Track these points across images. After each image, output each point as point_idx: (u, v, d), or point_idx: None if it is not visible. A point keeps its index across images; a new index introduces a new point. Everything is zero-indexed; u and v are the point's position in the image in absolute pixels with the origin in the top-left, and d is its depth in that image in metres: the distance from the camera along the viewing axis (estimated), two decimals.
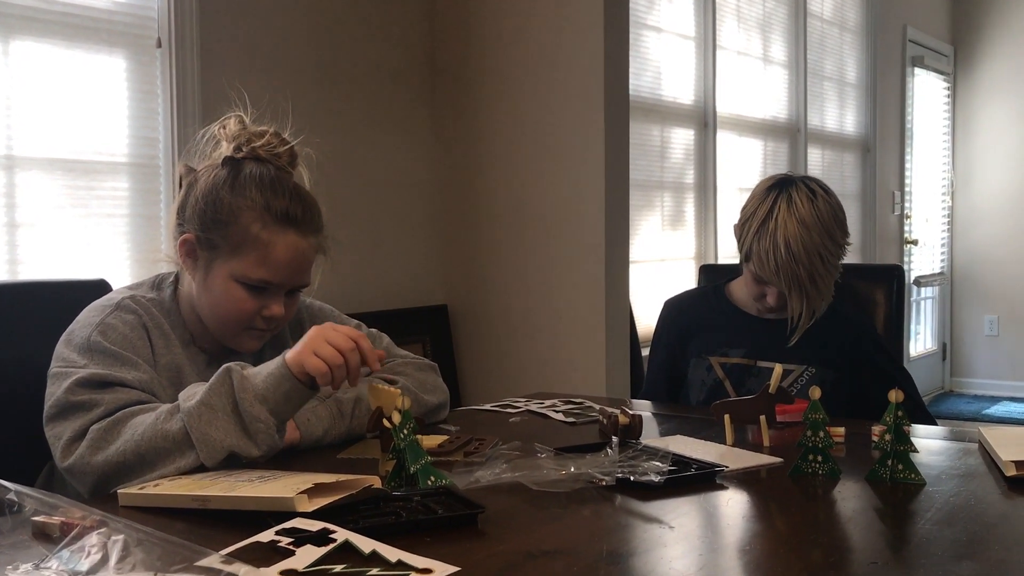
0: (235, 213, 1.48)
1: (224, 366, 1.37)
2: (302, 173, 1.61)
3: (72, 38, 2.41)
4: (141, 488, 1.25)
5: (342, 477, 1.20)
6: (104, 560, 0.94)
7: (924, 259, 7.05)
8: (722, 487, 1.33)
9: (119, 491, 1.24)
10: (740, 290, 2.17)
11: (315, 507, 1.11)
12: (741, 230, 2.04)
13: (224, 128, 1.56)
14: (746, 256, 2.03)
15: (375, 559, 0.99)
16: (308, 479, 1.18)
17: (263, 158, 1.54)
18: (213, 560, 0.94)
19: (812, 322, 2.01)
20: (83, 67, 2.43)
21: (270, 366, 1.38)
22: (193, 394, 1.36)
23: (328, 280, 3.35)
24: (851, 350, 2.09)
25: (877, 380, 2.04)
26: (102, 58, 2.48)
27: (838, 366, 2.06)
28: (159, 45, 2.57)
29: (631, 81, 3.38)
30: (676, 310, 2.24)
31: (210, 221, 1.50)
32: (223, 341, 1.56)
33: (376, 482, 1.20)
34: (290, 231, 1.51)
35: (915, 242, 6.80)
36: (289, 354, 1.38)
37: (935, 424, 1.98)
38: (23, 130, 2.33)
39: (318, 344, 1.37)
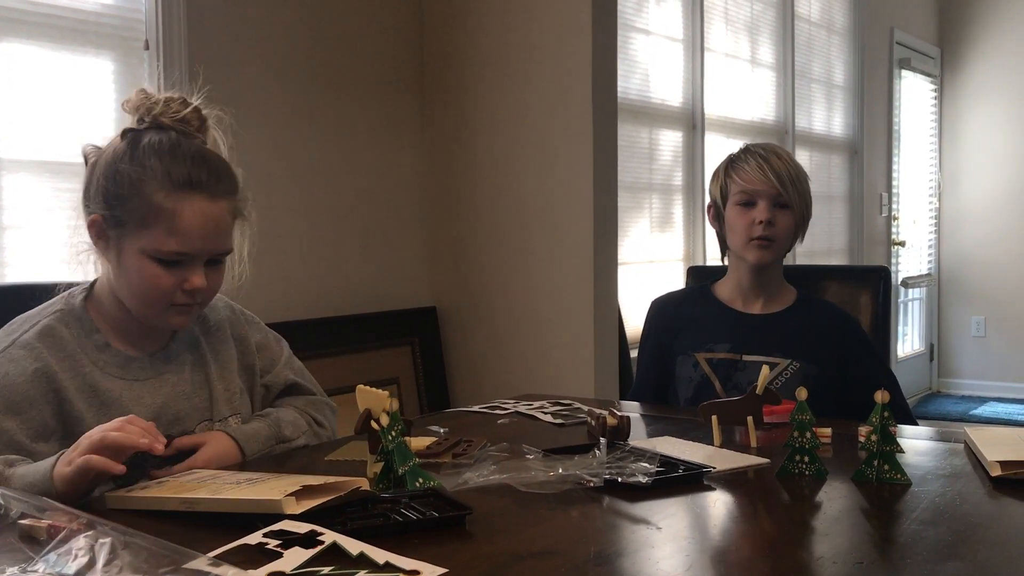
0: (136, 185, 1.41)
1: None
2: (216, 137, 1.52)
3: (59, 40, 2.40)
4: (128, 491, 1.25)
5: (330, 479, 1.20)
6: (91, 563, 0.94)
7: (911, 260, 7.07)
8: (710, 488, 1.34)
9: (106, 494, 1.24)
10: (726, 288, 2.19)
11: (303, 509, 1.11)
12: (715, 180, 2.17)
13: (127, 102, 1.49)
14: (723, 193, 2.14)
15: (363, 561, 0.99)
16: (296, 481, 1.18)
17: (166, 125, 1.46)
18: (201, 563, 0.94)
19: (804, 229, 2.14)
20: (71, 69, 2.43)
21: (36, 470, 1.28)
22: None
23: (317, 282, 3.34)
24: (837, 346, 2.10)
25: (861, 379, 2.06)
26: (90, 60, 2.47)
27: (823, 361, 2.08)
28: (147, 47, 2.57)
29: (619, 83, 3.39)
30: (662, 309, 2.26)
31: (113, 197, 1.43)
32: (149, 323, 1.49)
33: (364, 484, 1.20)
34: (196, 196, 1.41)
35: (902, 244, 6.83)
36: (60, 462, 1.27)
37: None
38: (10, 132, 2.32)
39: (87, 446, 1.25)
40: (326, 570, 0.96)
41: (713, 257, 4.57)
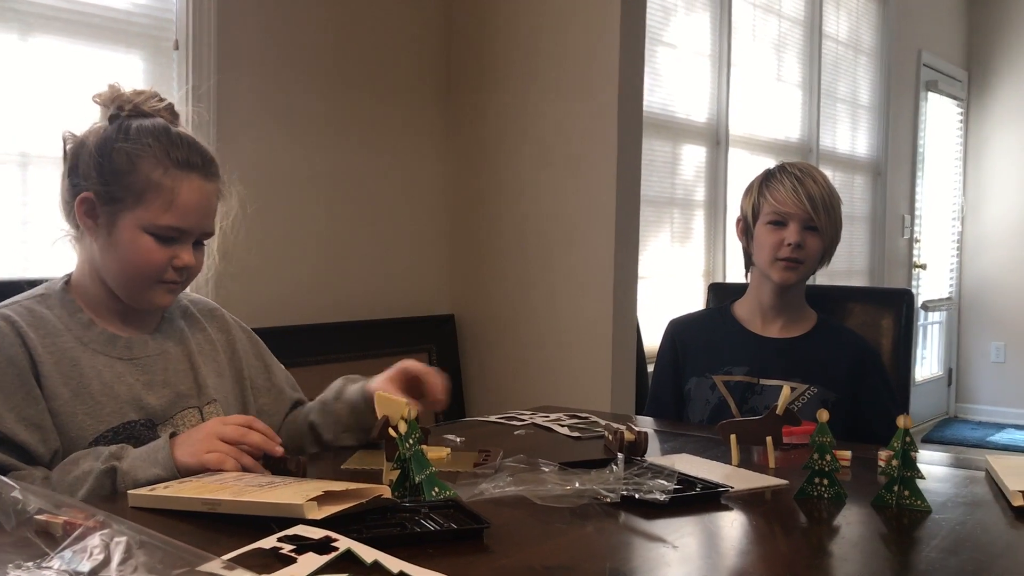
0: (134, 160, 1.45)
1: (108, 465, 1.31)
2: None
3: (90, 37, 2.42)
4: (151, 490, 1.24)
5: (352, 485, 1.20)
6: (106, 562, 0.94)
7: (932, 284, 7.03)
8: (727, 508, 1.33)
9: (130, 492, 1.23)
10: (745, 307, 2.18)
11: (325, 514, 1.10)
12: (748, 195, 2.16)
13: (98, 96, 1.53)
14: (754, 210, 2.12)
15: (377, 569, 0.99)
16: (318, 486, 1.18)
17: (148, 113, 1.51)
18: (214, 565, 0.94)
19: (831, 254, 2.13)
20: (100, 66, 2.44)
21: (154, 462, 1.32)
22: (74, 480, 1.31)
23: (336, 286, 3.34)
24: (855, 375, 2.09)
25: (872, 406, 2.06)
26: (119, 57, 2.49)
27: (841, 387, 2.06)
28: (176, 47, 2.58)
29: (644, 96, 3.38)
30: (680, 329, 2.25)
31: (108, 173, 1.45)
32: (133, 302, 1.51)
33: (386, 492, 1.20)
34: (193, 175, 1.48)
35: (924, 266, 6.79)
36: (179, 452, 1.33)
37: None
38: (38, 128, 2.33)
39: (211, 443, 1.33)
40: None
41: (733, 274, 4.55)
